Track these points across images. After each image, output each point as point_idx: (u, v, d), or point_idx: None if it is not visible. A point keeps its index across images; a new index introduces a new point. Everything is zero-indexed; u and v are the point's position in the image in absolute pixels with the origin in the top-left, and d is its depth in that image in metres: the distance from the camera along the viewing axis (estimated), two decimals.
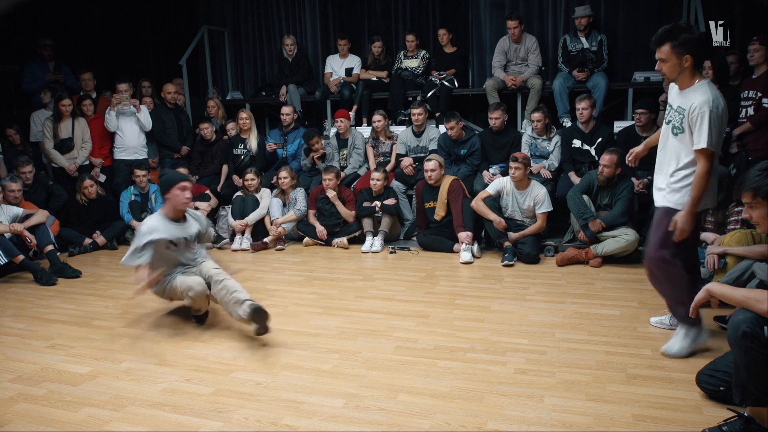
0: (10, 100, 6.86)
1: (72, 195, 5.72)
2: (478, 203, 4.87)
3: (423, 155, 5.69)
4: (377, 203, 5.38)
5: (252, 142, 6.22)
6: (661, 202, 2.84)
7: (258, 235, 5.64)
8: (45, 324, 3.62)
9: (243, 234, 5.60)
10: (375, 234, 5.36)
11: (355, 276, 4.53)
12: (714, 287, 2.20)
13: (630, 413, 2.32)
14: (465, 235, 4.88)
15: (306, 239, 5.61)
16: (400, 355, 2.96)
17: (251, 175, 5.71)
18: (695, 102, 2.62)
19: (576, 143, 5.25)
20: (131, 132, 6.16)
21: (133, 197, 5.88)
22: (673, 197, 2.77)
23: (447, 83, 6.21)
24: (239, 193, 5.80)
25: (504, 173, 5.20)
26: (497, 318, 3.46)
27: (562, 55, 5.96)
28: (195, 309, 3.44)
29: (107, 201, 5.86)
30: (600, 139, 5.15)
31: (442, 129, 5.93)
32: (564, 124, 5.74)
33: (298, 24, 7.58)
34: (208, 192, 5.98)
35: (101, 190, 5.81)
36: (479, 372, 2.73)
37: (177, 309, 3.73)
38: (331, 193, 5.48)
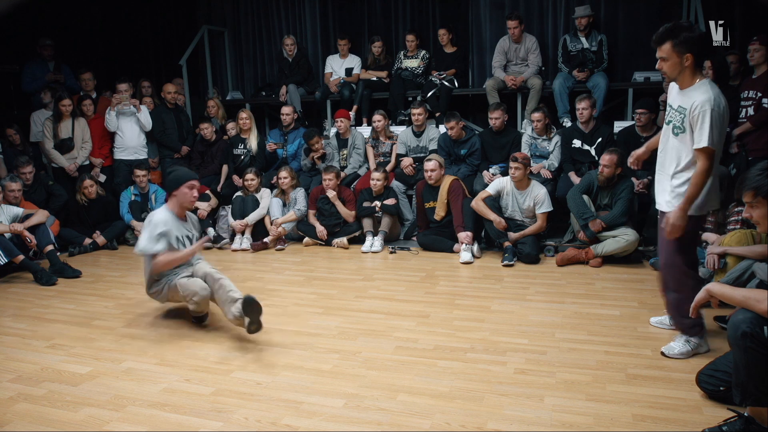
0: (10, 100, 6.87)
1: (72, 195, 5.72)
2: (478, 203, 4.87)
3: (423, 155, 5.69)
4: (377, 203, 5.38)
5: (252, 142, 6.22)
6: (666, 207, 2.79)
7: (258, 235, 5.64)
8: (45, 324, 3.62)
9: (243, 234, 5.60)
10: (375, 234, 5.36)
11: (355, 276, 4.53)
12: (714, 287, 2.20)
13: (630, 413, 2.32)
14: (464, 236, 4.88)
15: (306, 239, 5.61)
16: (400, 355, 2.96)
17: (251, 175, 5.71)
18: (696, 100, 2.60)
19: (576, 143, 5.25)
20: (131, 132, 6.16)
21: (133, 197, 5.88)
22: (678, 202, 2.72)
23: (447, 83, 6.21)
24: (239, 193, 5.80)
25: (504, 173, 5.20)
26: (497, 318, 3.46)
27: (562, 55, 5.96)
28: (196, 312, 3.44)
29: (107, 201, 5.86)
30: (600, 139, 5.15)
31: (442, 129, 5.92)
32: (564, 124, 5.74)
33: (298, 24, 7.58)
34: (208, 192, 5.97)
35: (101, 190, 5.81)
36: (479, 372, 2.73)
37: (177, 309, 3.73)
38: (331, 193, 5.48)
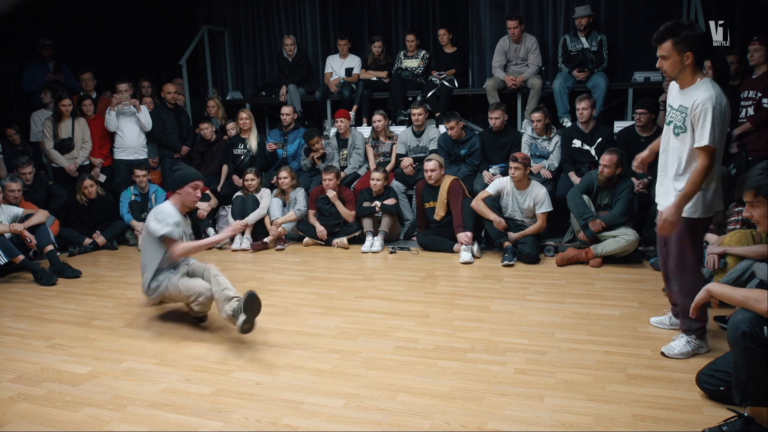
0: (10, 100, 6.87)
1: (72, 195, 5.71)
2: (478, 203, 4.86)
3: (423, 155, 5.68)
4: (377, 203, 5.38)
5: (252, 142, 6.22)
6: None
7: (258, 235, 5.64)
8: (45, 324, 3.62)
9: (243, 234, 5.60)
10: (375, 234, 5.35)
11: (355, 276, 4.53)
12: (714, 287, 2.21)
13: (630, 413, 2.32)
14: (463, 236, 4.89)
15: (306, 239, 5.61)
16: (400, 355, 2.96)
17: (251, 175, 5.71)
18: (698, 99, 2.58)
19: (576, 143, 5.24)
20: (131, 132, 6.16)
21: (133, 197, 5.88)
22: (688, 206, 2.68)
23: (447, 83, 6.20)
24: (239, 193, 5.80)
25: (504, 173, 5.20)
26: (497, 318, 3.46)
27: (562, 55, 5.96)
28: (199, 312, 3.42)
29: (107, 201, 5.86)
30: (600, 139, 5.14)
31: (442, 129, 5.92)
32: (564, 124, 5.74)
33: (298, 24, 7.58)
34: (208, 192, 5.97)
35: (101, 190, 5.81)
36: (479, 372, 2.73)
37: (177, 309, 3.73)
38: (331, 193, 5.48)
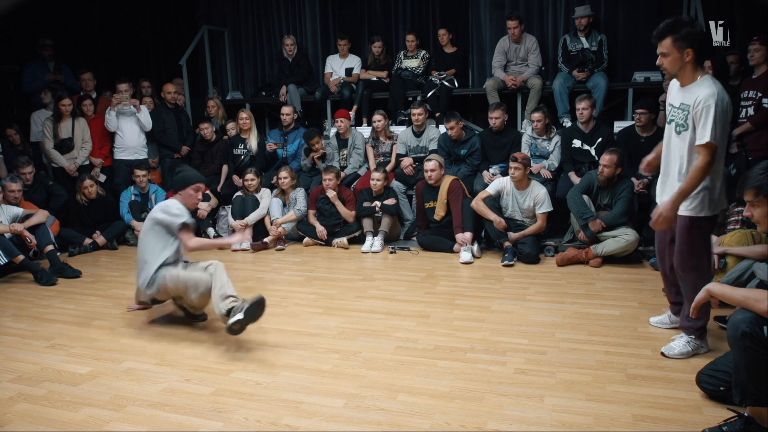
0: (10, 100, 6.87)
1: (72, 195, 5.71)
2: (478, 203, 4.86)
3: (423, 155, 5.68)
4: (377, 203, 5.38)
5: (252, 142, 6.22)
6: (681, 210, 2.71)
7: (258, 235, 5.64)
8: (45, 324, 3.62)
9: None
10: (375, 234, 5.35)
11: (355, 276, 4.53)
12: (714, 287, 2.21)
13: (630, 413, 2.32)
14: (462, 238, 4.89)
15: (306, 239, 5.61)
16: (400, 355, 2.96)
17: (251, 175, 5.71)
18: (700, 95, 2.57)
19: (576, 143, 5.24)
20: (131, 132, 6.16)
21: (133, 197, 5.88)
22: (691, 205, 2.68)
23: (447, 83, 6.20)
24: (239, 193, 5.80)
25: (504, 173, 5.20)
26: (497, 318, 3.46)
27: (562, 55, 5.96)
28: (197, 307, 3.39)
29: (107, 201, 5.86)
30: (600, 139, 5.14)
31: (442, 129, 5.92)
32: (564, 124, 5.74)
33: (298, 24, 7.58)
34: (208, 192, 5.97)
35: (101, 190, 5.80)
36: (479, 372, 2.73)
37: (176, 310, 3.72)
38: (331, 193, 5.48)
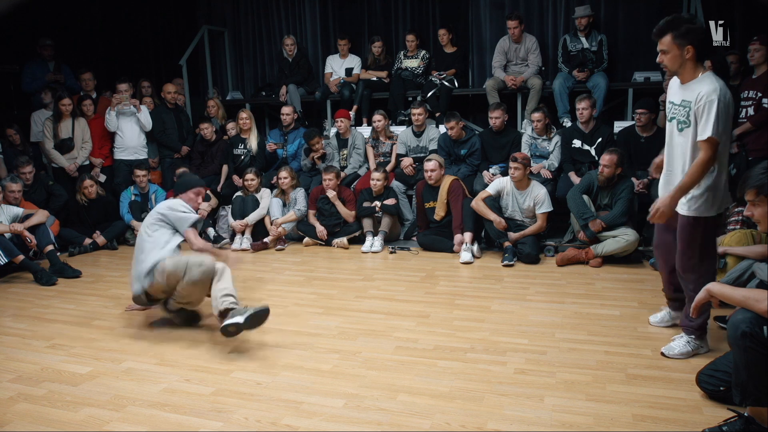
0: (10, 100, 6.87)
1: (72, 195, 5.71)
2: (478, 203, 4.86)
3: (423, 155, 5.68)
4: (377, 203, 5.38)
5: (252, 142, 6.22)
6: (683, 211, 2.70)
7: (258, 235, 5.64)
8: (45, 324, 3.62)
9: (243, 234, 5.60)
10: (375, 234, 5.35)
11: (355, 276, 4.53)
12: (714, 287, 2.20)
13: (630, 413, 2.32)
14: (459, 239, 4.90)
15: (306, 239, 5.61)
16: (400, 355, 2.96)
17: (251, 175, 5.71)
18: (703, 90, 2.55)
19: (576, 143, 5.24)
20: (131, 132, 6.16)
21: (133, 197, 5.88)
22: (695, 204, 2.65)
23: (447, 83, 6.20)
24: (239, 193, 5.80)
25: (504, 173, 5.20)
26: (497, 318, 3.46)
27: (562, 55, 5.96)
28: (186, 296, 3.25)
29: (107, 201, 5.86)
30: (600, 139, 5.14)
31: (442, 129, 5.92)
32: (564, 124, 5.74)
33: (298, 24, 7.58)
34: (208, 192, 5.97)
35: (101, 190, 5.80)
36: (479, 372, 2.73)
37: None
38: (331, 193, 5.47)
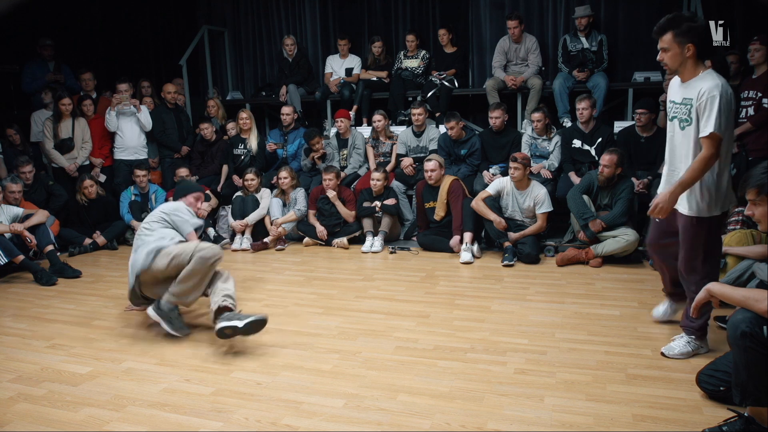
0: (10, 100, 6.87)
1: (72, 195, 5.71)
2: (478, 203, 4.86)
3: (423, 155, 5.68)
4: (377, 203, 5.38)
5: (252, 142, 6.22)
6: (685, 211, 2.68)
7: (258, 235, 5.64)
8: (45, 324, 3.62)
9: (243, 234, 5.60)
10: (375, 234, 5.35)
11: (355, 276, 4.53)
12: (714, 287, 2.20)
13: (630, 413, 2.32)
14: (456, 241, 4.91)
15: (306, 239, 5.61)
16: (400, 355, 2.96)
17: (251, 175, 5.71)
18: (704, 87, 2.55)
19: (576, 143, 5.24)
20: (131, 132, 6.16)
21: (133, 197, 5.88)
22: (697, 205, 2.63)
23: (447, 83, 6.20)
24: (239, 193, 5.80)
25: (504, 173, 5.20)
26: (497, 318, 3.46)
27: (562, 55, 5.96)
28: (187, 292, 3.20)
29: (107, 201, 5.86)
30: (600, 139, 5.14)
31: (442, 129, 5.92)
32: (564, 124, 5.74)
33: (298, 24, 7.58)
34: (208, 192, 5.96)
35: (101, 190, 5.80)
36: (479, 372, 2.73)
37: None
38: (331, 193, 5.48)
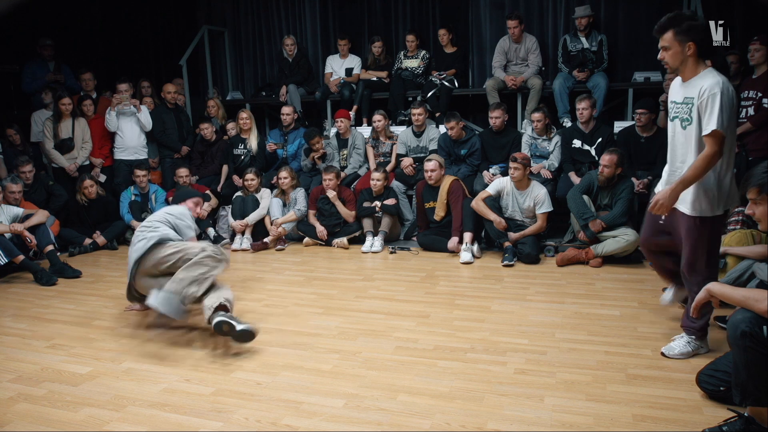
0: (10, 100, 6.87)
1: (72, 195, 5.71)
2: (478, 203, 4.86)
3: (423, 155, 5.68)
4: (377, 203, 5.38)
5: (252, 142, 6.22)
6: (688, 211, 2.65)
7: (258, 235, 5.64)
8: (45, 324, 3.62)
9: (243, 234, 5.60)
10: (375, 234, 5.35)
11: (355, 276, 4.53)
12: (714, 287, 2.20)
13: (630, 413, 2.32)
14: (454, 243, 4.92)
15: (306, 239, 5.61)
16: (400, 355, 2.96)
17: (251, 175, 5.71)
18: (705, 85, 2.54)
19: (576, 143, 5.24)
20: (131, 132, 6.16)
21: (133, 197, 5.89)
22: (700, 205, 2.61)
23: (447, 83, 6.20)
24: (239, 193, 5.80)
25: (504, 173, 5.20)
26: (497, 318, 3.46)
27: (562, 55, 5.96)
28: (188, 290, 3.13)
29: (107, 201, 5.86)
30: (600, 139, 5.14)
31: (442, 129, 5.92)
32: (564, 124, 5.74)
33: (298, 24, 7.59)
34: (208, 192, 5.97)
35: (101, 190, 5.80)
36: (479, 372, 2.73)
37: None
38: (331, 193, 5.48)
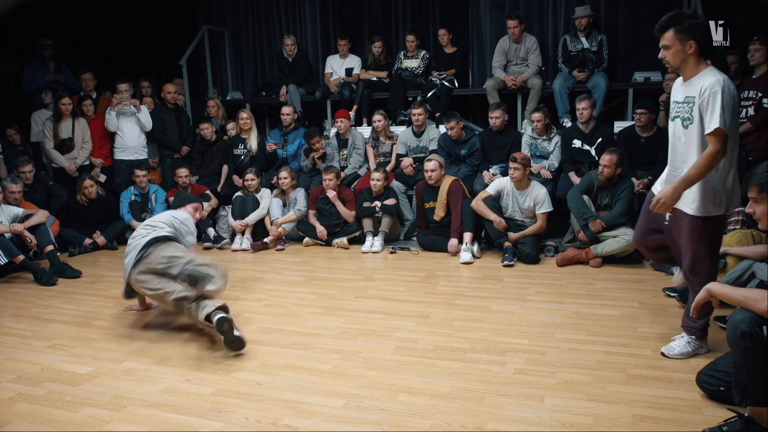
0: (10, 100, 6.87)
1: (72, 195, 5.71)
2: (478, 203, 4.86)
3: (423, 155, 5.68)
4: (377, 203, 5.38)
5: (252, 142, 6.22)
6: (689, 210, 2.63)
7: (258, 236, 5.64)
8: (45, 324, 3.62)
9: (243, 234, 5.60)
10: (375, 234, 5.35)
11: (355, 276, 4.53)
12: (714, 287, 2.20)
13: (630, 413, 2.32)
14: (453, 243, 4.92)
15: (306, 239, 5.61)
16: (400, 355, 2.96)
17: (251, 175, 5.71)
18: (706, 83, 2.53)
19: (576, 143, 5.24)
20: (131, 132, 6.16)
21: (133, 197, 5.88)
22: (702, 204, 2.60)
23: (447, 83, 6.20)
24: (239, 193, 5.80)
25: (504, 173, 5.20)
26: (497, 318, 3.46)
27: (562, 55, 5.96)
28: (204, 283, 3.17)
29: (107, 201, 5.86)
30: (600, 140, 5.14)
31: (442, 129, 5.92)
32: (564, 124, 5.74)
33: (298, 24, 7.59)
34: (208, 192, 5.98)
35: (101, 190, 5.80)
36: (479, 372, 2.73)
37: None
38: (331, 193, 5.47)
